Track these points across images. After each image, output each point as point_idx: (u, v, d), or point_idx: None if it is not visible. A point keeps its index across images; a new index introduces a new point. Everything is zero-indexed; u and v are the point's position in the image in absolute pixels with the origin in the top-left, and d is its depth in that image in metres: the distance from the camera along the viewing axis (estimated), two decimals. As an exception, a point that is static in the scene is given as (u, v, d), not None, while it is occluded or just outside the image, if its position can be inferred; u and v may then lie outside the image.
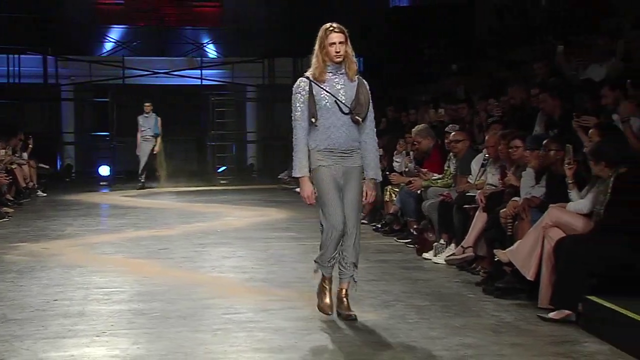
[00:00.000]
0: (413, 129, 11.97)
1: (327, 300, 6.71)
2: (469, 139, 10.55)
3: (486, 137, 9.70)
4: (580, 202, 7.29)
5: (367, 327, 6.51)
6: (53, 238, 11.93)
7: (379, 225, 12.24)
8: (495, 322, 6.82)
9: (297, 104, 6.65)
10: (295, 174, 6.74)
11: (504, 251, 7.67)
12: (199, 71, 26.79)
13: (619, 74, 9.29)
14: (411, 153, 12.04)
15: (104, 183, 22.22)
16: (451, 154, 10.70)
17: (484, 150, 9.76)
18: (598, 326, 6.38)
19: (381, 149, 12.14)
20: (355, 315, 6.63)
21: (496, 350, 5.96)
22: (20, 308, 7.40)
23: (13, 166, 16.40)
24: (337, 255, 6.65)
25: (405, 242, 11.00)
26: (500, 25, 17.21)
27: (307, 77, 6.66)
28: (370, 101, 6.76)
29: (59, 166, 25.87)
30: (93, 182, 22.48)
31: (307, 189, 6.61)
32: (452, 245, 9.54)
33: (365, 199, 6.75)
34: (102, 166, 23.40)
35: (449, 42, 18.64)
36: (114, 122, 23.71)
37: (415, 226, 10.86)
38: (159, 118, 20.26)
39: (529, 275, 7.25)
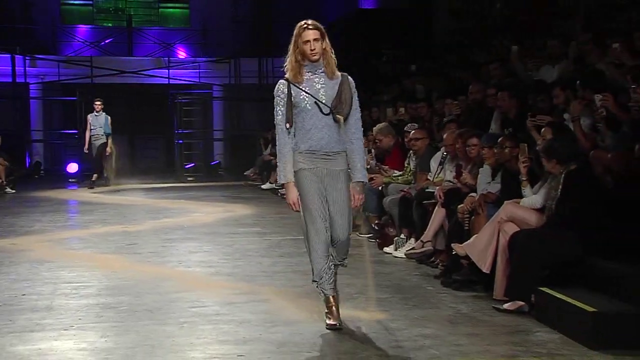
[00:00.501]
0: (374, 128, 12.00)
1: (332, 321, 6.14)
2: (428, 137, 10.60)
3: (444, 136, 9.77)
4: (533, 198, 7.37)
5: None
6: (21, 234, 11.83)
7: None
8: (452, 313, 6.86)
9: (278, 108, 6.16)
10: (280, 180, 6.26)
11: (461, 245, 7.70)
12: (167, 71, 26.68)
13: (570, 75, 9.38)
14: (372, 150, 12.07)
15: (73, 180, 22.04)
16: (411, 151, 10.75)
17: (442, 148, 9.84)
18: (549, 316, 6.45)
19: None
20: (341, 324, 6.17)
21: (453, 340, 6.00)
22: (-14, 302, 7.36)
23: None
24: (331, 265, 6.18)
25: (367, 237, 11.00)
26: (458, 28, 17.29)
27: (286, 79, 6.13)
28: (356, 99, 6.24)
29: (27, 163, 25.68)
30: (62, 179, 22.28)
31: (292, 195, 6.14)
32: (412, 239, 9.57)
33: (353, 203, 6.24)
34: (71, 163, 23.14)
35: (409, 44, 18.71)
36: (82, 121, 23.48)
37: (376, 221, 10.90)
38: (109, 117, 19.49)
39: (485, 268, 7.31)
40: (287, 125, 6.10)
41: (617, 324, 5.90)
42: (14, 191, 18.38)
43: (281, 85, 6.14)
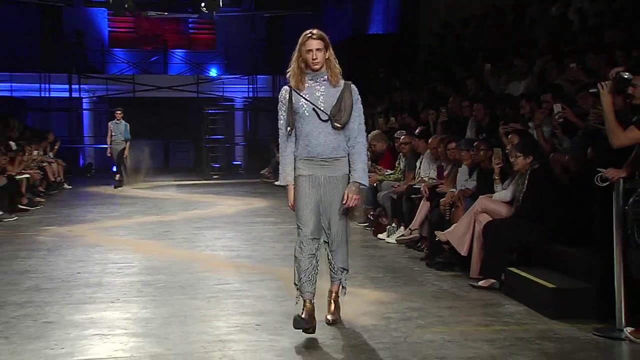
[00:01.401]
0: (369, 134, 11.99)
1: (303, 315, 5.19)
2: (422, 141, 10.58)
3: (429, 140, 9.74)
4: (503, 193, 7.38)
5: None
6: (76, 222, 11.88)
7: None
8: (435, 289, 6.89)
9: (280, 113, 5.46)
10: (280, 182, 5.50)
11: (442, 232, 7.72)
12: (196, 86, 26.68)
13: (534, 89, 9.38)
14: (368, 153, 12.04)
15: (121, 178, 22.05)
16: (400, 154, 10.76)
17: (427, 152, 9.81)
18: (516, 292, 6.47)
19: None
20: (332, 320, 5.53)
21: (436, 312, 6.03)
22: (49, 279, 7.41)
23: (44, 164, 16.34)
24: (313, 271, 5.33)
25: (364, 226, 11.03)
26: (440, 49, 17.26)
27: (289, 86, 5.41)
28: (359, 106, 5.44)
29: (81, 164, 25.76)
30: (109, 178, 22.29)
31: (291, 197, 5.44)
32: (402, 228, 9.59)
33: (344, 201, 5.31)
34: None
35: (399, 63, 18.68)
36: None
37: (372, 213, 10.89)
38: (128, 124, 18.52)
39: (463, 252, 7.34)
40: (288, 130, 5.40)
41: (571, 297, 5.93)
42: (70, 187, 18.43)
43: (284, 92, 5.44)
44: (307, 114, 5.33)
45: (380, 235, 9.98)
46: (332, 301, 5.61)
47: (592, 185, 5.52)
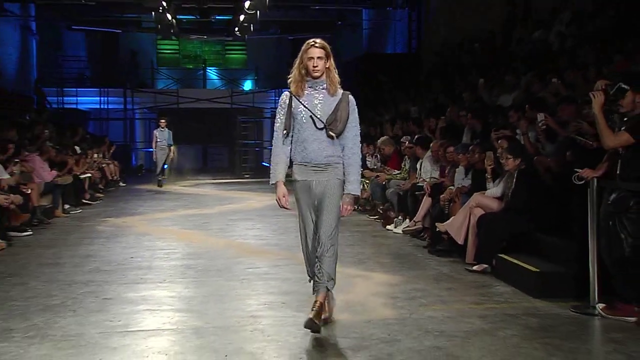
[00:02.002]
0: (379, 140, 12.02)
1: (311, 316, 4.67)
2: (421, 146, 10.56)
3: (430, 145, 9.74)
4: (494, 190, 7.37)
5: (349, 276, 6.54)
6: (129, 214, 11.96)
7: (356, 206, 12.19)
8: (435, 273, 6.89)
9: (278, 116, 4.94)
10: (271, 181, 4.95)
11: (442, 224, 7.74)
12: (230, 98, 26.76)
13: (521, 101, 9.35)
14: (378, 156, 12.08)
15: (164, 177, 22.13)
16: (406, 156, 10.76)
17: (428, 153, 9.80)
18: (505, 275, 6.48)
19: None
20: (318, 328, 4.65)
21: (436, 292, 6.05)
22: (108, 263, 7.49)
23: (103, 165, 16.46)
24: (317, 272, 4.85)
25: (374, 218, 11.03)
26: (440, 65, 17.20)
27: (290, 92, 4.91)
28: (355, 117, 4.88)
29: (133, 165, 25.93)
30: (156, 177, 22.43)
31: (278, 193, 4.90)
32: (407, 220, 9.58)
33: (341, 212, 4.85)
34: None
35: (404, 77, 18.65)
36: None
37: (381, 207, 10.90)
38: (170, 131, 18.21)
39: (460, 241, 7.34)
40: (284, 132, 4.85)
41: (552, 279, 5.93)
42: (124, 184, 18.53)
43: (284, 96, 4.91)
44: (304, 120, 4.79)
45: (388, 227, 9.97)
46: (316, 307, 4.71)
47: (571, 184, 5.53)
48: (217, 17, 23.46)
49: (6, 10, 20.61)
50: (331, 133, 4.75)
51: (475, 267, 6.88)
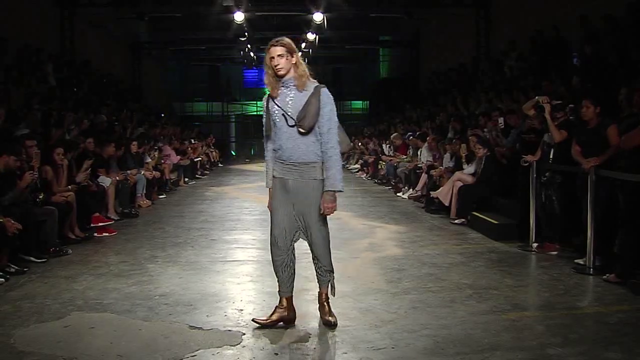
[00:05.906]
0: (392, 135, 11.98)
1: (273, 316, 3.31)
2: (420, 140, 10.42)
3: (427, 139, 9.60)
4: (469, 169, 7.28)
5: (372, 227, 6.50)
6: (225, 185, 11.96)
7: (376, 180, 12.10)
8: (430, 225, 6.82)
9: (263, 120, 3.29)
10: (266, 185, 3.39)
11: (435, 192, 7.66)
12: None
13: (487, 110, 9.16)
14: (391, 146, 12.01)
15: (248, 160, 22.29)
16: (410, 146, 10.63)
17: (425, 145, 9.66)
18: (476, 226, 6.41)
19: (374, 138, 11.92)
20: (334, 322, 3.26)
21: (430, 237, 6.00)
22: (212, 216, 7.54)
23: (208, 152, 16.56)
24: (287, 268, 3.33)
25: (389, 188, 10.87)
26: (435, 84, 16.81)
27: (268, 94, 3.26)
28: (328, 111, 3.14)
29: (228, 153, 26.20)
30: (243, 161, 22.63)
31: (269, 199, 3.37)
32: (411, 189, 9.43)
33: (322, 211, 3.17)
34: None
35: (408, 93, 18.33)
36: (253, 133, 23.85)
37: (393, 180, 10.79)
38: None
39: (446, 203, 7.27)
40: (267, 134, 3.28)
41: (505, 228, 5.86)
42: (222, 165, 18.58)
43: (264, 99, 3.27)
44: (278, 119, 3.17)
45: (398, 194, 9.84)
46: (325, 303, 3.34)
47: (519, 165, 5.49)
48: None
49: (151, 54, 20.81)
50: (300, 129, 3.13)
51: (456, 221, 6.81)
